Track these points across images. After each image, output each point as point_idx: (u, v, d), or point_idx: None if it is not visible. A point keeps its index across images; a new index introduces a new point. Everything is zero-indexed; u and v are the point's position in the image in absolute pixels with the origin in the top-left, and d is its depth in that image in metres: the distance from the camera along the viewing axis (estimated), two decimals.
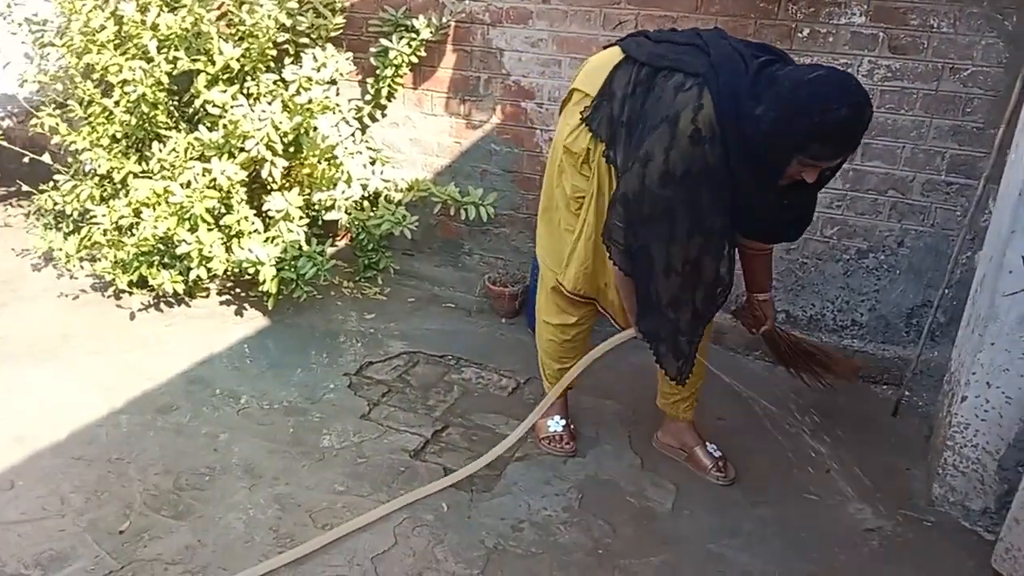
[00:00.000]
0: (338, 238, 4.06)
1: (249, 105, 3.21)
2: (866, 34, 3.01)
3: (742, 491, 2.57)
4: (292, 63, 3.47)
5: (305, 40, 3.55)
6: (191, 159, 3.27)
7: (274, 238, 3.31)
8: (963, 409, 2.44)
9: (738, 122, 1.93)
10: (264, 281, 3.19)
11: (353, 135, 3.47)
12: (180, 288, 3.33)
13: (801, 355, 2.82)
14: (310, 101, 3.23)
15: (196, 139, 3.30)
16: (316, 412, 2.87)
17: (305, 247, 3.28)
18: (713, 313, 2.30)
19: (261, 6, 3.24)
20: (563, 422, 2.74)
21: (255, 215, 3.37)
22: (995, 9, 2.83)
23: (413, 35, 3.50)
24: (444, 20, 3.52)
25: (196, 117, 3.50)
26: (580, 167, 2.29)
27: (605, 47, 2.35)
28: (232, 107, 3.18)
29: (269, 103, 3.27)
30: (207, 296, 3.63)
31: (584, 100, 2.25)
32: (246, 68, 3.36)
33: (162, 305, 3.55)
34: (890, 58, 3.00)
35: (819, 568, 2.27)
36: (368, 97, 3.73)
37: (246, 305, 3.57)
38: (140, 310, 3.51)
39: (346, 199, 3.34)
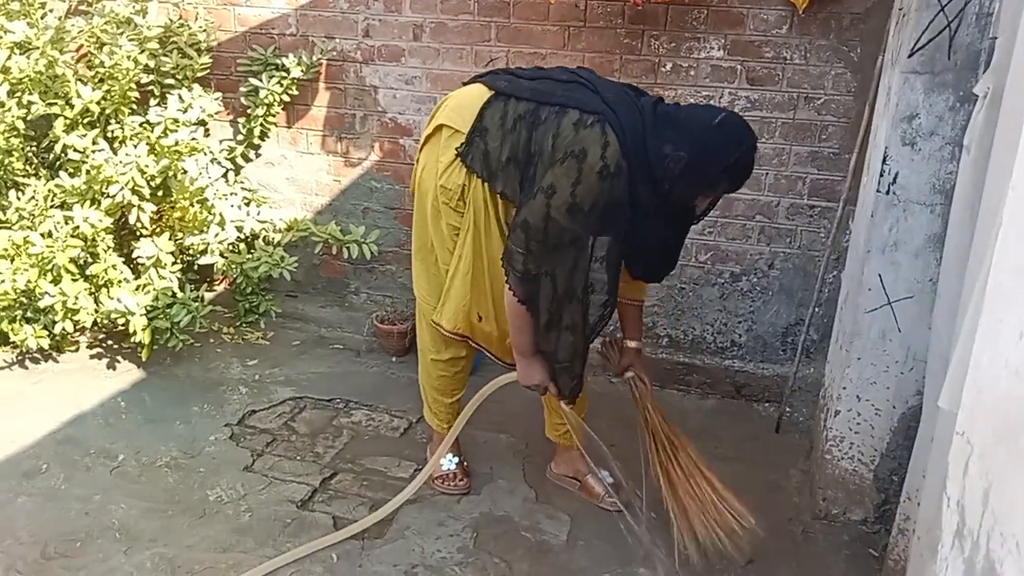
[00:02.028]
0: (215, 283, 3.93)
1: (113, 149, 3.08)
2: (725, 67, 3.15)
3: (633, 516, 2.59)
4: (157, 104, 3.36)
5: (171, 81, 3.44)
6: (52, 207, 3.10)
7: (145, 286, 3.17)
8: (837, 423, 2.55)
9: (643, 159, 2.02)
10: (135, 332, 3.05)
11: (225, 176, 3.37)
12: (45, 343, 3.14)
13: (665, 443, 2.45)
14: (177, 143, 3.13)
15: (57, 186, 3.14)
16: (197, 466, 2.75)
17: (179, 294, 3.15)
18: (599, 331, 2.35)
19: (120, 47, 3.12)
20: (456, 459, 2.70)
21: (124, 263, 3.23)
22: (841, 42, 3.02)
23: (284, 74, 3.44)
24: (315, 59, 3.47)
25: (56, 163, 3.34)
26: (455, 204, 2.30)
27: (465, 83, 2.37)
28: (94, 151, 3.04)
29: (135, 146, 3.15)
30: (76, 350, 3.43)
31: (455, 136, 2.25)
32: (107, 111, 3.22)
33: (27, 362, 3.34)
34: (749, 89, 3.15)
35: None
36: (240, 137, 3.63)
37: (119, 357, 3.40)
38: (2, 368, 3.29)
39: (220, 242, 3.23)
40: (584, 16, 3.20)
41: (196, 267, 3.54)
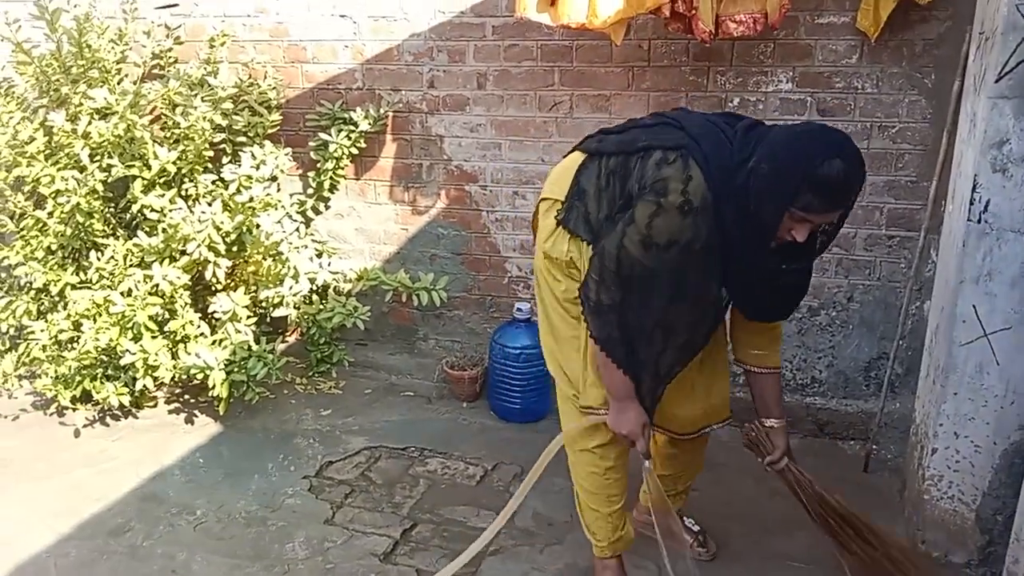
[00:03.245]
0: (287, 334, 3.97)
1: (188, 207, 3.15)
2: (794, 99, 3.11)
3: (723, 564, 2.51)
4: (230, 162, 3.43)
5: (242, 139, 3.52)
6: (131, 266, 3.18)
7: (222, 340, 3.21)
8: (934, 461, 2.45)
9: (729, 186, 1.87)
10: (214, 386, 3.08)
11: (297, 229, 3.42)
12: (126, 400, 3.20)
13: (831, 514, 2.29)
14: (251, 199, 3.18)
15: (135, 245, 3.21)
16: (277, 520, 2.75)
17: (254, 347, 3.19)
18: (674, 375, 2.17)
19: (195, 108, 3.21)
20: None
21: (200, 318, 3.28)
22: (915, 68, 2.96)
23: (352, 127, 3.49)
24: (382, 111, 3.52)
25: (134, 223, 3.42)
26: (568, 271, 2.14)
27: (565, 155, 2.26)
28: (171, 211, 3.11)
29: (209, 204, 3.22)
30: (154, 406, 3.49)
31: (554, 206, 2.14)
32: (183, 170, 3.31)
33: (107, 419, 3.40)
34: (820, 120, 3.08)
35: None
36: (310, 190, 3.69)
37: (196, 411, 3.44)
38: (85, 426, 3.35)
39: (294, 294, 3.26)
40: (648, 56, 3.20)
41: (269, 319, 3.58)
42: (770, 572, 2.48)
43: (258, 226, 3.20)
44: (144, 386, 3.12)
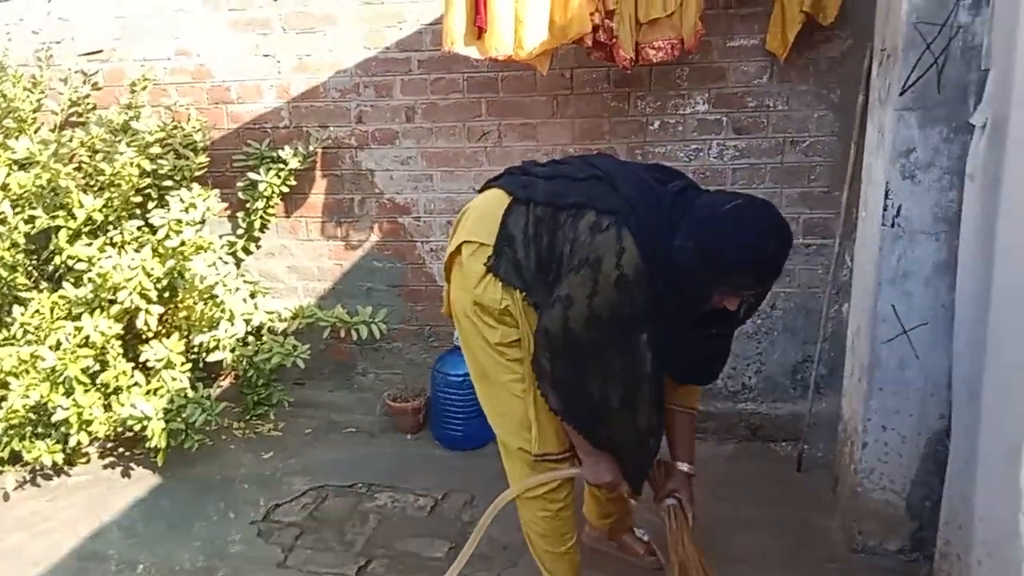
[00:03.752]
0: (221, 379, 3.90)
1: (117, 255, 3.09)
2: (711, 120, 3.26)
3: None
4: (156, 207, 3.38)
5: (168, 183, 3.47)
6: (58, 319, 3.09)
7: (156, 389, 3.15)
8: (865, 455, 2.58)
9: (661, 258, 1.84)
10: (152, 436, 3.01)
11: (230, 272, 3.39)
12: (59, 458, 3.09)
13: (695, 562, 2.24)
14: (182, 243, 3.14)
15: (61, 297, 3.13)
16: (226, 569, 2.70)
17: (191, 393, 3.13)
18: (657, 433, 2.12)
19: (121, 154, 3.16)
20: None
21: (133, 368, 3.21)
22: (821, 85, 3.14)
23: (281, 165, 3.49)
24: (311, 148, 3.54)
25: (56, 274, 3.34)
26: (500, 318, 2.07)
27: (480, 191, 2.21)
28: (100, 259, 3.05)
29: (136, 250, 3.16)
30: (87, 462, 3.37)
31: (481, 250, 2.05)
32: (109, 218, 3.25)
33: (39, 479, 3.27)
34: (736, 139, 3.25)
35: None
36: (240, 231, 3.66)
37: (132, 464, 3.35)
38: (15, 488, 3.22)
39: (230, 337, 3.23)
40: (571, 84, 3.31)
41: (202, 364, 3.52)
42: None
43: (190, 271, 3.16)
44: (78, 442, 3.03)
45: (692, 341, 1.99)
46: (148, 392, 3.12)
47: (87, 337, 3.01)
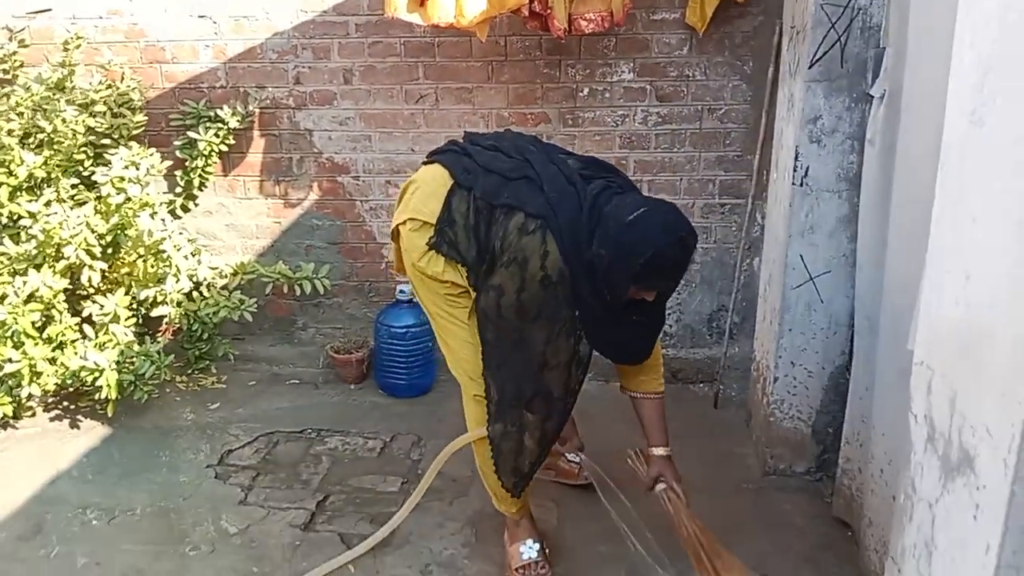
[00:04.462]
0: (161, 334, 3.96)
1: (64, 211, 3.12)
2: (636, 88, 3.51)
3: (612, 498, 2.85)
4: (91, 165, 3.41)
5: (106, 140, 3.49)
6: (8, 273, 3.11)
7: (106, 343, 3.21)
8: (776, 388, 2.91)
9: (580, 260, 2.06)
10: (103, 388, 3.09)
11: (175, 229, 3.45)
12: (9, 410, 3.13)
13: (694, 538, 2.40)
14: (127, 200, 3.20)
15: (2, 253, 3.15)
16: (191, 507, 2.83)
17: (137, 347, 3.21)
18: (551, 439, 2.36)
19: (62, 111, 3.18)
20: (536, 546, 2.49)
21: (79, 323, 3.26)
22: (735, 57, 3.43)
23: (220, 125, 3.56)
24: (249, 108, 3.61)
25: None
26: (446, 285, 2.31)
27: (426, 161, 2.41)
28: (47, 215, 3.08)
29: (71, 208, 3.20)
30: (33, 415, 3.41)
31: (424, 228, 2.28)
32: (52, 175, 3.26)
33: None
34: (659, 105, 3.51)
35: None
36: (178, 189, 3.71)
37: (79, 417, 3.40)
38: None
39: (178, 292, 3.31)
40: (505, 51, 3.49)
41: (140, 320, 3.58)
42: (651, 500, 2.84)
43: (136, 227, 3.22)
44: (30, 394, 3.08)
45: (617, 327, 2.22)
46: (97, 345, 3.18)
47: (36, 291, 3.05)
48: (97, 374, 3.07)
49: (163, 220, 3.23)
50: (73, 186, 3.36)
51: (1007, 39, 1.24)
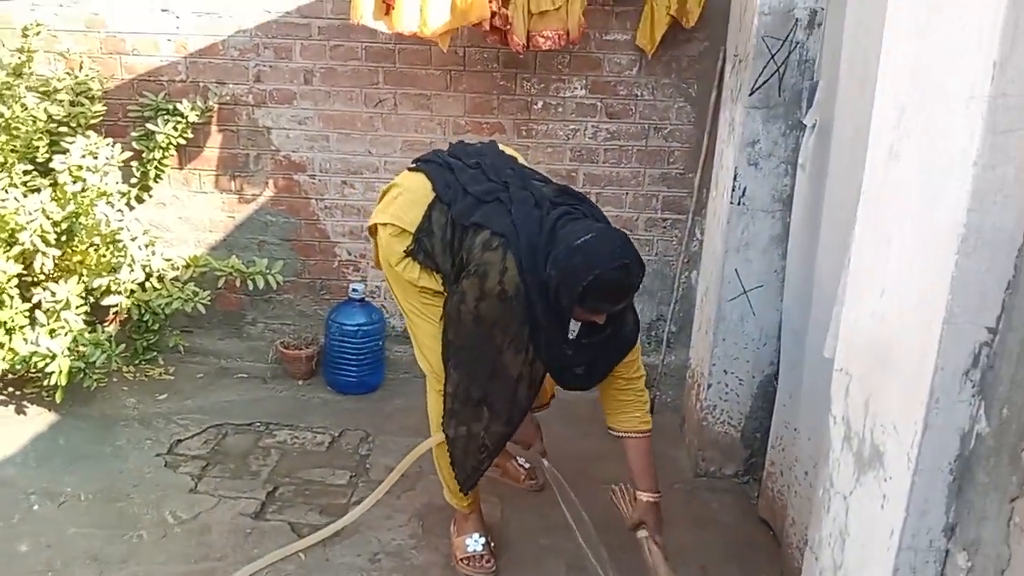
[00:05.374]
0: (107, 323, 3.96)
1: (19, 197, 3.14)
2: (587, 104, 3.67)
3: (552, 493, 2.99)
4: (45, 151, 3.42)
5: (63, 129, 3.50)
6: None
7: (54, 330, 3.22)
8: (709, 395, 3.09)
9: (536, 280, 2.19)
10: (54, 374, 3.10)
11: (130, 219, 3.48)
12: None
13: None
14: (84, 189, 3.22)
15: None
16: (142, 494, 2.88)
17: (88, 335, 3.24)
18: (497, 444, 2.47)
19: (22, 98, 3.19)
20: (483, 540, 2.62)
21: (30, 309, 3.27)
22: (681, 80, 3.62)
23: (179, 118, 3.60)
24: (208, 103, 3.67)
25: None
26: (419, 284, 2.43)
27: (411, 167, 2.54)
28: (2, 201, 3.09)
29: (23, 194, 3.21)
30: None
31: (403, 235, 2.40)
32: (8, 161, 3.27)
33: None
34: (608, 122, 3.68)
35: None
36: (133, 180, 3.74)
37: (25, 403, 3.41)
38: None
39: (132, 282, 3.34)
40: (464, 61, 3.62)
41: (89, 308, 3.59)
42: (594, 499, 2.99)
43: (93, 216, 3.25)
44: None
45: (566, 347, 2.34)
46: (48, 332, 3.19)
47: None
48: (49, 360, 3.09)
49: (120, 210, 3.26)
50: (26, 172, 3.37)
51: (918, 84, 1.42)
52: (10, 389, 3.50)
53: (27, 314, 3.24)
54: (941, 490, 1.39)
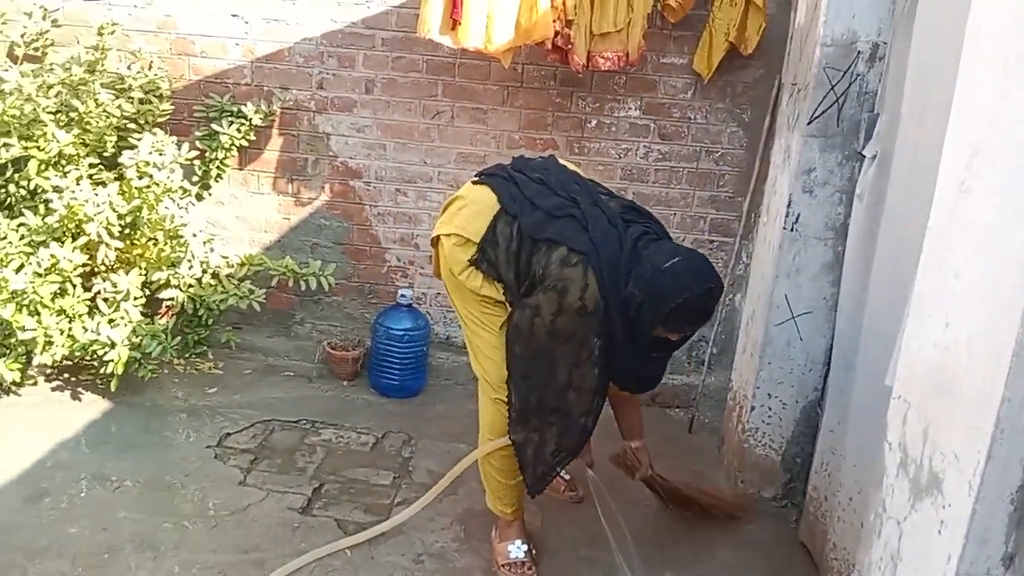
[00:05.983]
0: (160, 316, 4.07)
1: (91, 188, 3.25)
2: (641, 124, 3.73)
3: (592, 505, 3.02)
4: (114, 146, 3.54)
5: (132, 125, 3.62)
6: (25, 244, 3.22)
7: (112, 319, 3.33)
8: (752, 417, 3.12)
9: (616, 297, 2.24)
10: (112, 363, 3.20)
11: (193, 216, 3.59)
12: (17, 376, 3.23)
13: (684, 498, 2.98)
14: (149, 185, 3.33)
15: (22, 224, 3.26)
16: (192, 483, 2.95)
17: (146, 326, 3.33)
18: (572, 451, 2.53)
19: (97, 94, 3.31)
20: (524, 547, 2.66)
21: (91, 298, 3.37)
22: (735, 105, 3.66)
23: (243, 120, 3.71)
24: (272, 107, 3.77)
25: (7, 201, 3.44)
26: (482, 298, 2.49)
27: (476, 180, 2.58)
28: (74, 191, 3.20)
29: (100, 185, 3.32)
30: (35, 384, 3.51)
31: (467, 245, 2.45)
32: (81, 155, 3.39)
33: None
34: (660, 143, 3.74)
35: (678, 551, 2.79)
36: (195, 178, 3.84)
37: (80, 389, 3.51)
38: None
39: (192, 277, 3.44)
40: (521, 78, 3.70)
41: (145, 301, 3.70)
42: (630, 511, 3.03)
43: (156, 210, 3.35)
44: (42, 362, 3.18)
45: (636, 361, 2.41)
46: (109, 321, 3.30)
47: (55, 264, 3.16)
48: (108, 348, 3.19)
49: (185, 207, 3.36)
50: (92, 165, 3.48)
51: (998, 127, 1.46)
52: (66, 375, 3.60)
53: (89, 303, 3.34)
54: (1001, 519, 1.42)
